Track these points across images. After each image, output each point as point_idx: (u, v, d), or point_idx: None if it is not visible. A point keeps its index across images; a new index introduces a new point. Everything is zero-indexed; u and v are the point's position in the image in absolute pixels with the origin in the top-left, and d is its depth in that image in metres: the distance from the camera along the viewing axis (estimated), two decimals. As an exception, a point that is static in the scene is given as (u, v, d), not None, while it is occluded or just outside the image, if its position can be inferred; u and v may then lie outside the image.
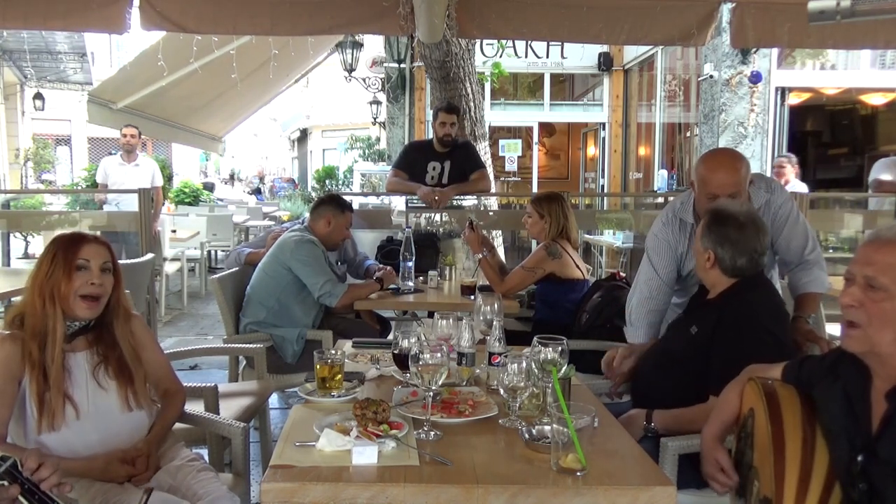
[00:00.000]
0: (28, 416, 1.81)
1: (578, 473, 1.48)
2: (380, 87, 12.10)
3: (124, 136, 6.65)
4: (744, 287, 2.12)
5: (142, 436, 1.93)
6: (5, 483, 1.31)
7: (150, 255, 4.35)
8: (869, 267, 1.42)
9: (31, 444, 1.82)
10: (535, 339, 1.81)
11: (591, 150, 12.16)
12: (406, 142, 9.95)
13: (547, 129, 13.23)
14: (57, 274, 1.83)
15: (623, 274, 3.71)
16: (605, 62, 10.62)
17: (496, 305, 2.27)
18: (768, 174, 7.32)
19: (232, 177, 30.94)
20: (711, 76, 7.70)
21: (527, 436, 1.64)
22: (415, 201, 5.03)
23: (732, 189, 2.36)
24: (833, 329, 3.51)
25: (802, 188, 6.45)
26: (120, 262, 4.04)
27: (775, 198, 2.55)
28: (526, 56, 10.56)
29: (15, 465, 1.34)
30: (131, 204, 5.55)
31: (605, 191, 10.96)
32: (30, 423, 1.81)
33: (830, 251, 5.73)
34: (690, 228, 2.56)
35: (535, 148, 11.53)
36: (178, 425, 2.14)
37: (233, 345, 3.39)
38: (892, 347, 1.40)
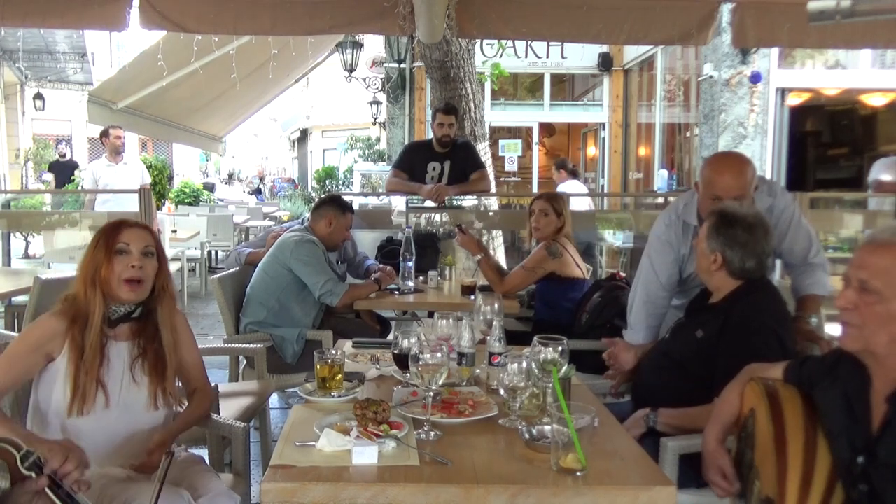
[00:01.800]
0: (54, 398, 1.82)
1: (578, 473, 1.48)
2: (380, 87, 12.10)
3: (117, 137, 6.71)
4: (749, 289, 2.11)
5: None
6: (33, 475, 1.32)
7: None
8: (863, 270, 1.42)
9: (54, 427, 1.83)
10: (535, 339, 1.81)
11: (591, 150, 12.16)
12: (406, 142, 9.94)
13: (547, 129, 13.23)
14: (98, 258, 1.87)
15: (623, 274, 3.71)
16: (605, 62, 10.62)
17: (496, 305, 2.27)
18: (768, 175, 7.33)
19: (231, 177, 30.87)
20: (711, 76, 7.70)
21: (527, 436, 1.64)
22: (415, 201, 5.03)
23: (737, 192, 2.34)
24: (833, 329, 3.51)
25: (579, 187, 7.79)
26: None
27: (778, 201, 2.55)
28: (526, 56, 10.56)
29: (40, 459, 1.35)
30: (127, 203, 5.56)
31: (605, 191, 10.96)
32: (55, 405, 1.82)
33: (830, 251, 5.72)
34: (694, 231, 2.54)
35: (535, 148, 11.53)
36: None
37: (233, 345, 3.39)
38: (888, 349, 1.41)
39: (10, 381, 1.85)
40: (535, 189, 10.97)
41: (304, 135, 24.50)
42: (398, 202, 5.73)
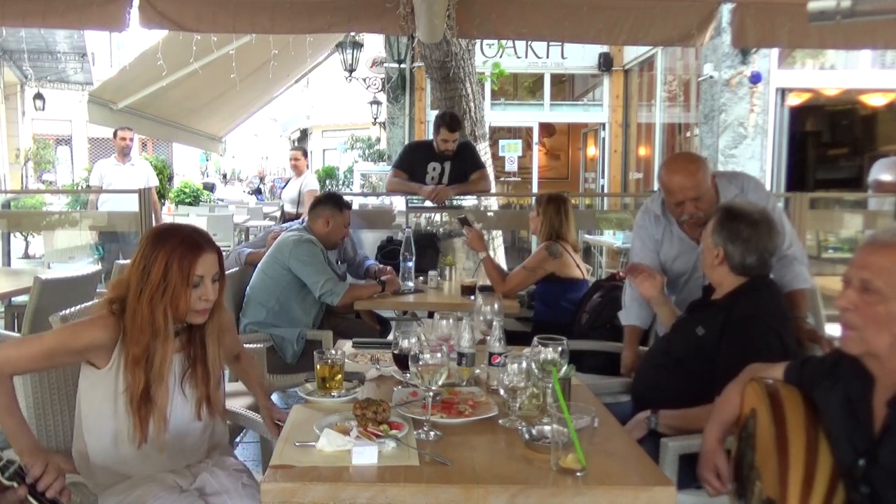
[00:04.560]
0: (110, 424, 1.78)
1: (578, 473, 1.47)
2: (380, 88, 12.11)
3: (123, 139, 6.68)
4: (751, 287, 2.11)
5: (203, 448, 1.93)
6: (15, 485, 1.32)
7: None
8: (864, 270, 1.41)
9: (102, 449, 1.80)
10: (535, 339, 1.81)
11: (591, 151, 12.15)
12: (406, 142, 9.94)
13: (547, 129, 13.22)
14: (176, 289, 1.74)
15: (623, 274, 3.71)
16: (605, 62, 10.62)
17: (496, 305, 2.27)
18: (762, 174, 7.32)
19: (226, 177, 30.73)
20: (711, 76, 7.69)
21: (527, 436, 1.63)
22: (415, 201, 5.02)
23: (693, 192, 2.44)
24: (833, 329, 3.51)
25: (314, 183, 7.50)
26: (120, 262, 4.04)
27: (749, 197, 2.57)
28: (526, 56, 10.56)
29: (21, 468, 1.35)
30: (127, 204, 5.56)
31: (605, 191, 10.96)
32: (111, 433, 1.78)
33: (830, 251, 5.72)
34: (664, 222, 2.69)
35: (535, 148, 11.53)
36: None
37: (233, 345, 3.38)
38: (890, 351, 1.40)
39: (39, 368, 1.85)
40: (534, 189, 10.96)
41: (304, 135, 24.48)
42: (398, 202, 5.73)
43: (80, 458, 1.85)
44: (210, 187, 17.04)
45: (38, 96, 16.03)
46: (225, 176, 31.00)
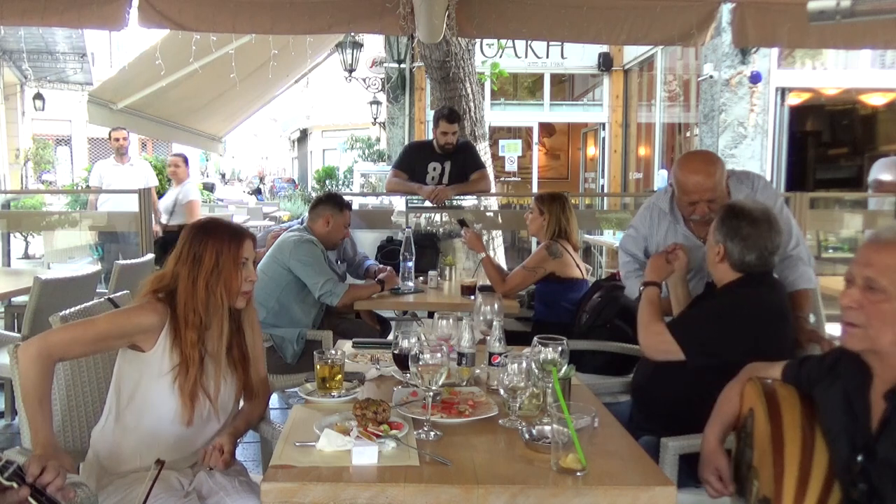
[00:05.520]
0: (159, 407, 1.83)
1: (578, 473, 1.47)
2: (380, 88, 12.10)
3: (116, 139, 6.70)
4: (743, 283, 2.12)
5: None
6: (15, 485, 1.32)
7: (150, 255, 4.35)
8: (868, 268, 1.41)
9: (143, 432, 1.84)
10: (535, 339, 1.81)
11: (591, 150, 12.16)
12: (406, 142, 9.94)
13: (547, 129, 13.23)
14: (228, 271, 1.87)
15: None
16: (605, 62, 10.62)
17: (496, 305, 2.26)
18: (769, 175, 7.31)
19: (225, 176, 30.62)
20: (711, 76, 7.70)
21: (527, 436, 1.63)
22: (415, 201, 5.02)
23: (709, 194, 2.41)
24: (833, 329, 3.51)
25: (194, 193, 6.85)
26: (120, 262, 4.03)
27: (758, 196, 2.57)
28: (526, 56, 10.57)
29: (20, 468, 1.34)
30: (126, 204, 5.56)
31: (605, 191, 10.96)
32: (159, 414, 1.84)
33: (830, 251, 5.73)
34: (670, 219, 2.66)
35: (535, 148, 11.54)
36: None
37: (232, 345, 3.38)
38: (893, 347, 1.40)
39: (86, 352, 1.90)
40: (534, 189, 10.97)
41: (304, 135, 24.50)
42: (398, 202, 5.73)
43: (102, 443, 1.87)
44: (210, 187, 17.03)
45: (38, 96, 16.04)
46: (224, 176, 30.97)
